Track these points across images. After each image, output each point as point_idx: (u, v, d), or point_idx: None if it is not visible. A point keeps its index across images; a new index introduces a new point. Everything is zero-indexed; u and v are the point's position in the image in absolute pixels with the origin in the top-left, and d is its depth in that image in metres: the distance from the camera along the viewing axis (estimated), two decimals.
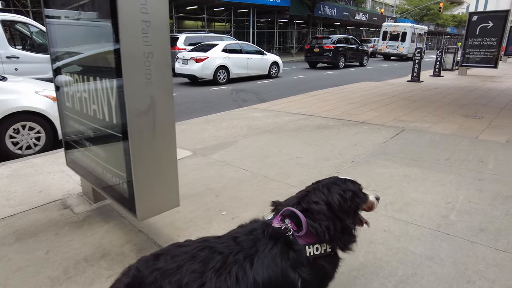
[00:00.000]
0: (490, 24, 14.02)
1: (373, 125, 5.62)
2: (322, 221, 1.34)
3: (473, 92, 9.54)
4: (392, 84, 11.22)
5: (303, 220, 1.33)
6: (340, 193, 1.43)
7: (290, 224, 1.34)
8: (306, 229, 1.32)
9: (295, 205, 1.42)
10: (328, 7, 30.33)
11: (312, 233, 1.33)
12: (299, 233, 1.32)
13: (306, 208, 1.39)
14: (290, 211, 1.39)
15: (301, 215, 1.35)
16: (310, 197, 1.43)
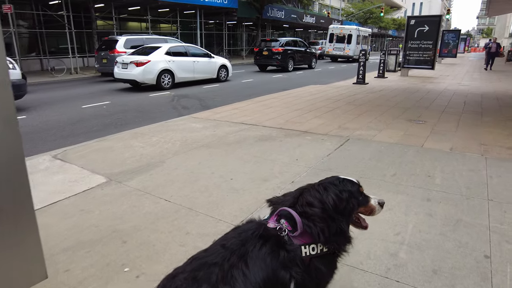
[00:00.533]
0: (426, 28, 14.53)
1: (317, 135, 5.23)
2: (317, 221, 1.31)
3: (415, 94, 9.64)
4: (338, 87, 11.11)
5: (298, 221, 1.32)
6: (336, 193, 1.39)
7: (285, 224, 1.32)
8: (301, 229, 1.31)
9: (291, 204, 1.40)
10: (276, 10, 30.32)
11: (308, 233, 1.30)
12: (294, 233, 1.30)
13: (301, 207, 1.37)
14: (285, 211, 1.37)
15: (296, 215, 1.33)
16: (305, 196, 1.40)
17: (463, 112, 7.05)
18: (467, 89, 11.05)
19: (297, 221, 1.31)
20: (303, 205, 1.36)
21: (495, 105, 7.93)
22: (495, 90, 10.80)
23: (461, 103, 8.20)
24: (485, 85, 12.12)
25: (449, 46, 27.01)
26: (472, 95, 9.49)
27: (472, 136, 5.10)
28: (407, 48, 15.12)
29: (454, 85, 12.23)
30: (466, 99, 8.78)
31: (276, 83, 13.38)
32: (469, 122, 6.07)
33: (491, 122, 6.13)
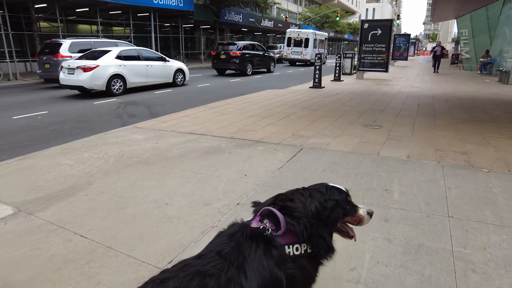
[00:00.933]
0: (379, 31, 14.76)
1: (270, 145, 4.83)
2: (301, 220, 1.29)
3: (371, 97, 9.59)
4: (295, 92, 10.86)
5: (281, 219, 1.29)
6: (321, 201, 1.37)
7: (269, 224, 1.29)
8: (284, 227, 1.28)
9: (274, 205, 1.37)
10: (234, 13, 29.95)
11: (291, 232, 1.28)
12: (278, 232, 1.27)
13: (285, 208, 1.34)
14: (268, 211, 1.34)
15: (279, 214, 1.31)
16: (289, 199, 1.38)
17: (417, 114, 6.99)
18: (419, 91, 11.24)
19: (280, 220, 1.29)
20: (287, 206, 1.34)
21: (445, 107, 8.00)
22: (444, 91, 11.06)
23: (415, 105, 8.20)
24: (435, 87, 12.45)
25: (400, 50, 28.04)
26: (424, 97, 9.60)
27: (427, 141, 4.94)
28: (361, 51, 15.29)
29: (407, 87, 12.44)
30: (419, 101, 8.82)
31: (233, 88, 12.93)
32: (423, 125, 5.96)
33: (444, 125, 6.06)
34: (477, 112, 7.32)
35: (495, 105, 8.38)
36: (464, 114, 7.10)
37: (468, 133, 5.46)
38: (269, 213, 1.33)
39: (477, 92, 10.99)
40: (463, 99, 9.36)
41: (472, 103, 8.70)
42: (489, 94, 10.41)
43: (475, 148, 4.59)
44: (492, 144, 4.83)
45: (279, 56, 31.89)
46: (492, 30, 19.49)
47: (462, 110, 7.65)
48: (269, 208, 1.34)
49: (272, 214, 1.32)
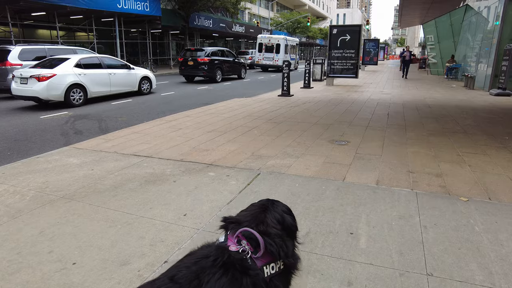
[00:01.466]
0: (348, 37, 14.49)
1: (223, 169, 4.18)
2: (277, 239, 1.27)
3: (339, 106, 9.15)
4: (262, 101, 10.29)
5: (261, 241, 1.23)
6: (287, 212, 1.43)
7: (247, 246, 1.21)
8: (263, 249, 1.22)
9: (251, 224, 1.30)
10: (204, 18, 29.23)
11: (269, 252, 1.23)
12: (257, 254, 1.21)
13: (261, 227, 1.30)
14: (248, 232, 1.25)
15: (259, 236, 1.24)
16: (264, 216, 1.35)
17: (387, 126, 6.55)
18: (389, 97, 10.95)
19: (260, 241, 1.23)
20: (263, 224, 1.31)
21: (416, 116, 7.64)
22: (414, 98, 10.82)
23: (385, 115, 7.80)
24: (405, 93, 12.23)
25: (370, 54, 28.23)
26: (394, 105, 9.26)
27: (399, 160, 4.44)
28: (331, 57, 14.98)
29: (377, 93, 12.16)
30: (389, 110, 8.46)
31: (199, 96, 12.21)
32: (394, 140, 5.50)
33: (415, 138, 5.63)
34: (448, 122, 6.98)
35: (464, 113, 8.12)
36: (435, 124, 6.74)
37: (441, 148, 5.03)
38: (248, 234, 1.25)
39: (446, 98, 10.82)
40: (433, 106, 9.09)
41: (442, 111, 8.41)
42: (457, 101, 10.24)
43: (450, 168, 4.13)
44: (467, 162, 4.39)
45: (250, 62, 31.47)
46: (456, 36, 19.80)
47: (432, 119, 7.31)
48: (248, 230, 1.26)
49: (251, 235, 1.25)
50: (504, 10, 12.10)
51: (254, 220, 1.32)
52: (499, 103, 9.77)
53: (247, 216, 1.36)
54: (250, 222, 1.31)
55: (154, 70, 23.90)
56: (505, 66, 11.40)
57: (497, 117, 7.58)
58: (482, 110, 8.52)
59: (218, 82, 17.89)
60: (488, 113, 8.07)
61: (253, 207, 1.43)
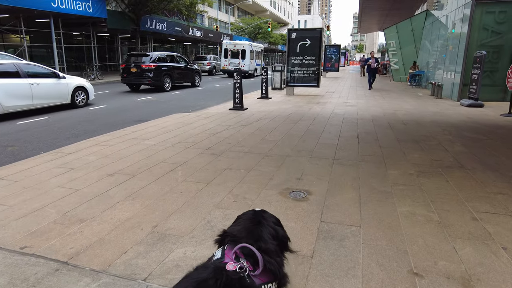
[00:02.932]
0: (308, 42, 12.95)
1: (79, 279, 2.20)
2: (275, 257, 1.23)
3: (299, 124, 7.43)
4: (208, 117, 8.36)
5: (260, 258, 1.18)
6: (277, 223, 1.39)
7: (246, 264, 1.16)
8: (262, 267, 1.18)
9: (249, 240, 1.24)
10: (157, 22, 26.83)
11: (268, 271, 1.19)
12: (255, 272, 1.16)
13: (260, 243, 1.23)
14: (248, 249, 1.20)
15: (258, 253, 1.19)
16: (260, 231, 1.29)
17: (361, 159, 4.85)
18: (355, 110, 9.42)
19: (259, 259, 1.18)
20: (261, 241, 1.25)
21: (392, 139, 6.06)
22: (383, 111, 9.37)
23: (354, 137, 6.15)
24: (372, 104, 10.81)
25: (331, 60, 27.20)
26: (363, 122, 7.68)
27: (389, 239, 2.67)
28: (290, 64, 13.36)
29: (341, 105, 10.64)
30: (358, 129, 6.84)
31: (135, 110, 10.05)
32: (373, 187, 3.77)
33: (402, 182, 3.95)
34: (433, 149, 5.43)
35: (446, 132, 6.67)
36: (420, 153, 5.15)
37: (443, 203, 3.35)
38: (246, 251, 1.20)
39: (418, 111, 9.46)
40: (407, 123, 7.60)
41: (420, 129, 6.92)
42: (431, 114, 8.89)
43: (476, 257, 2.42)
44: (496, 235, 2.72)
45: (209, 68, 29.83)
46: (417, 41, 19.00)
47: (413, 143, 5.74)
48: (247, 246, 1.20)
49: (252, 254, 1.19)
50: (471, 16, 11.06)
51: (251, 235, 1.26)
52: (477, 117, 8.51)
53: (242, 231, 1.29)
54: (248, 238, 1.24)
55: (99, 77, 21.23)
56: (476, 75, 10.28)
57: (486, 138, 6.17)
58: (464, 128, 7.14)
59: (166, 91, 15.72)
60: (473, 132, 6.68)
61: (244, 220, 1.36)
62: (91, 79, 20.86)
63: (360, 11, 32.80)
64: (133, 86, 16.23)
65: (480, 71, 10.01)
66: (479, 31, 11.19)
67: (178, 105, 11.27)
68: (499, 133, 6.59)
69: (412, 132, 6.62)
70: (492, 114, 8.95)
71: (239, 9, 55.22)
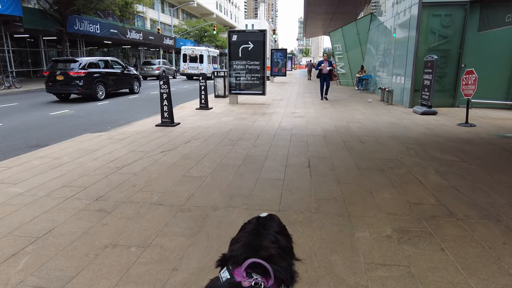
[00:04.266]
0: (251, 45, 11.52)
1: None
2: (283, 264, 1.15)
3: (238, 146, 5.89)
4: (124, 138, 6.51)
5: (271, 270, 1.10)
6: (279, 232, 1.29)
7: (261, 279, 1.07)
8: (274, 278, 1.11)
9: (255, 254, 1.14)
10: (88, 22, 23.92)
11: (277, 279, 1.12)
12: (269, 283, 1.09)
13: (265, 254, 1.15)
14: (257, 263, 1.11)
15: (268, 265, 1.11)
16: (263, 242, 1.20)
17: (316, 208, 3.42)
18: (304, 123, 8.13)
19: (270, 271, 1.10)
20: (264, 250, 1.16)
21: (352, 168, 4.74)
22: (334, 123, 8.18)
23: (305, 168, 4.73)
24: (322, 114, 9.63)
25: (278, 65, 26.22)
26: (314, 139, 6.36)
27: None
28: (232, 69, 11.84)
29: (289, 116, 9.33)
30: (309, 151, 5.47)
31: (40, 130, 7.84)
32: (340, 281, 2.34)
33: (381, 258, 2.56)
34: (404, 180, 4.18)
35: (412, 152, 5.54)
36: (391, 190, 3.84)
37: None
38: (255, 265, 1.11)
39: (373, 121, 8.41)
40: (365, 140, 6.40)
41: (381, 149, 5.73)
42: (388, 125, 7.87)
43: None
44: None
45: (159, 73, 29.65)
46: (363, 45, 18.51)
47: (378, 172, 4.47)
48: (257, 260, 1.11)
49: (257, 265, 1.11)
50: (419, 18, 10.38)
51: (252, 248, 1.17)
52: (436, 128, 7.61)
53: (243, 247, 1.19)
54: (250, 252, 1.15)
55: (16, 85, 18.05)
56: (428, 80, 9.54)
57: (459, 160, 5.10)
58: (428, 144, 6.09)
59: (100, 100, 13.60)
60: (440, 151, 5.61)
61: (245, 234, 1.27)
62: (5, 88, 17.69)
63: (305, 15, 32.35)
64: (61, 95, 13.76)
65: (432, 77, 9.26)
66: (427, 35, 10.54)
67: (98, 120, 9.21)
68: (469, 152, 5.59)
69: (374, 155, 5.39)
70: (449, 124, 8.15)
71: (184, 11, 52.76)
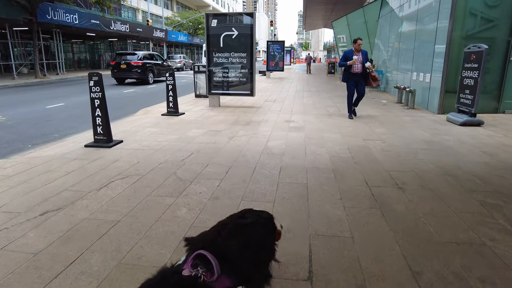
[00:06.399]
0: (235, 32, 8.87)
1: None
2: (236, 262, 1.14)
3: (182, 202, 3.27)
4: (18, 173, 3.93)
5: (214, 264, 1.10)
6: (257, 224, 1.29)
7: (201, 270, 1.08)
8: (218, 273, 1.10)
9: (209, 244, 1.17)
10: (64, 11, 21.14)
11: (228, 276, 1.11)
12: (212, 278, 1.08)
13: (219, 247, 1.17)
14: (202, 255, 1.13)
15: (212, 258, 1.11)
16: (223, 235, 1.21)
17: None
18: (302, 143, 5.53)
19: (214, 265, 1.10)
20: (221, 245, 1.18)
21: (400, 268, 2.19)
22: (348, 144, 5.57)
23: (303, 270, 2.19)
24: (326, 126, 7.02)
25: (275, 59, 23.50)
26: (318, 181, 3.75)
27: None
28: (211, 63, 9.22)
29: (281, 127, 6.74)
30: (310, 221, 2.90)
31: None
32: None
33: None
34: None
35: (499, 216, 2.97)
36: None
37: None
38: (202, 256, 1.13)
39: (401, 139, 5.79)
40: (404, 184, 3.79)
41: (441, 212, 3.14)
42: (426, 149, 5.27)
43: None
44: None
45: (180, 66, 30.67)
46: (371, 36, 15.80)
47: None
48: (202, 252, 1.13)
49: (204, 257, 1.12)
50: (454, 3, 7.72)
51: (208, 240, 1.20)
52: (499, 152, 5.02)
53: (207, 235, 1.23)
54: (205, 243, 1.18)
55: None
56: (470, 79, 6.92)
57: None
58: (509, 193, 3.52)
59: (150, 84, 17.89)
60: None
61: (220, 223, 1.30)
62: None
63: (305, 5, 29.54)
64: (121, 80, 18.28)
65: (479, 74, 6.64)
66: (465, 18, 7.90)
67: (24, 133, 6.63)
68: None
69: (430, 226, 2.81)
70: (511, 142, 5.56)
71: (178, 3, 49.77)
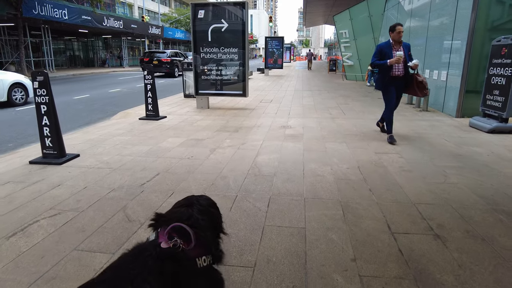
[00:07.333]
0: (225, 25, 7.74)
1: None
2: (207, 232, 1.26)
3: None
4: None
5: (192, 234, 1.21)
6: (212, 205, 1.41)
7: (179, 240, 1.17)
8: (195, 241, 1.21)
9: (181, 219, 1.26)
10: (52, 6, 20.00)
11: (201, 245, 1.21)
12: (189, 247, 1.19)
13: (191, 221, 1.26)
14: (179, 226, 1.22)
15: (190, 229, 1.22)
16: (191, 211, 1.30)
17: None
18: (300, 158, 4.42)
19: (191, 234, 1.21)
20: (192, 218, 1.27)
21: None
22: (358, 161, 4.47)
23: None
24: (329, 134, 5.92)
25: (274, 55, 22.34)
26: (321, 225, 2.66)
27: None
28: (198, 60, 8.11)
29: (275, 136, 5.62)
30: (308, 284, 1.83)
31: None
32: None
33: None
34: None
35: None
36: None
37: None
38: (178, 228, 1.21)
39: (423, 154, 4.71)
40: (442, 229, 2.69)
41: None
42: (457, 167, 4.15)
43: None
44: None
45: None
46: (376, 30, 14.64)
47: None
48: (179, 224, 1.22)
49: (179, 229, 1.21)
50: None
51: (182, 215, 1.27)
52: None
53: (175, 213, 1.31)
54: (179, 218, 1.26)
55: None
56: (501, 77, 5.79)
57: None
58: None
59: (176, 77, 19.84)
60: None
61: (179, 204, 1.38)
62: None
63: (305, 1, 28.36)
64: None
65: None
66: (490, 6, 6.77)
67: None
68: None
69: None
70: None
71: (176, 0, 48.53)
